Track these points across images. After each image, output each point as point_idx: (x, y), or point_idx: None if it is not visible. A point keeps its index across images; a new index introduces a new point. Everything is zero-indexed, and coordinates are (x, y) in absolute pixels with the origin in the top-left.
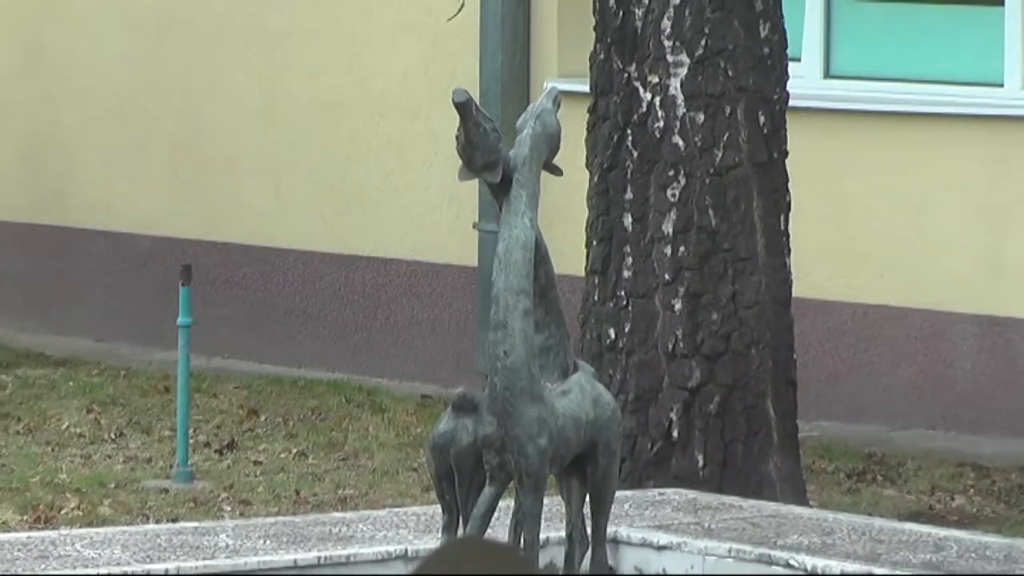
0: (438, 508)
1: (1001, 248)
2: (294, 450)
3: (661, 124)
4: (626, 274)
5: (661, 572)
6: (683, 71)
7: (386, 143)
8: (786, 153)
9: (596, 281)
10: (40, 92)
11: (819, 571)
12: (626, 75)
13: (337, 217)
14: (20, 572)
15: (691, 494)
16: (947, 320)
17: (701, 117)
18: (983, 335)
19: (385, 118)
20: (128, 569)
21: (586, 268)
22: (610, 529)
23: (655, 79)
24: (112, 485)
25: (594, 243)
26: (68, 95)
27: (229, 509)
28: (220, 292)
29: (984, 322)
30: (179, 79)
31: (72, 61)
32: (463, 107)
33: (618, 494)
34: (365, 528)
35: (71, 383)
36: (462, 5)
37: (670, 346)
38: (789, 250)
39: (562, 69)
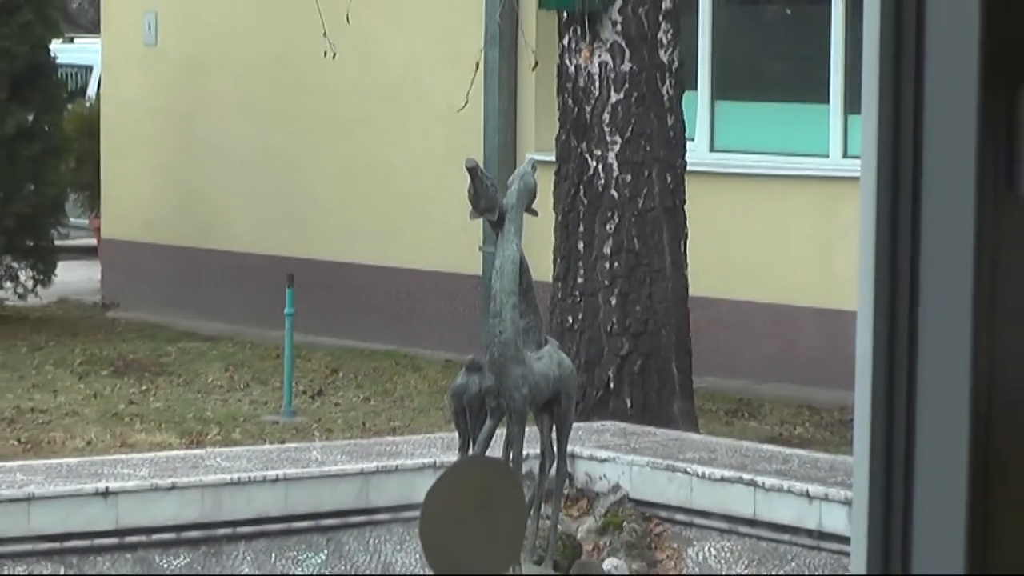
0: (456, 435)
1: (830, 263)
2: (361, 396)
3: (602, 182)
4: (579, 280)
5: (602, 476)
6: (617, 147)
7: (421, 193)
8: (685, 201)
9: (559, 285)
10: (191, 160)
11: (707, 476)
12: (579, 149)
13: (388, 242)
14: (180, 477)
15: (622, 425)
16: (794, 311)
17: (629, 177)
18: (818, 321)
19: (420, 177)
20: (251, 474)
21: (553, 276)
22: (568, 448)
23: (598, 152)
24: (241, 419)
25: (558, 260)
26: (209, 162)
27: (318, 435)
28: (312, 292)
29: (819, 312)
30: (284, 151)
31: (212, 139)
32: (472, 171)
33: (574, 425)
34: (408, 447)
35: (214, 352)
36: (466, 102)
37: (608, 328)
38: (687, 265)
39: (538, 145)
